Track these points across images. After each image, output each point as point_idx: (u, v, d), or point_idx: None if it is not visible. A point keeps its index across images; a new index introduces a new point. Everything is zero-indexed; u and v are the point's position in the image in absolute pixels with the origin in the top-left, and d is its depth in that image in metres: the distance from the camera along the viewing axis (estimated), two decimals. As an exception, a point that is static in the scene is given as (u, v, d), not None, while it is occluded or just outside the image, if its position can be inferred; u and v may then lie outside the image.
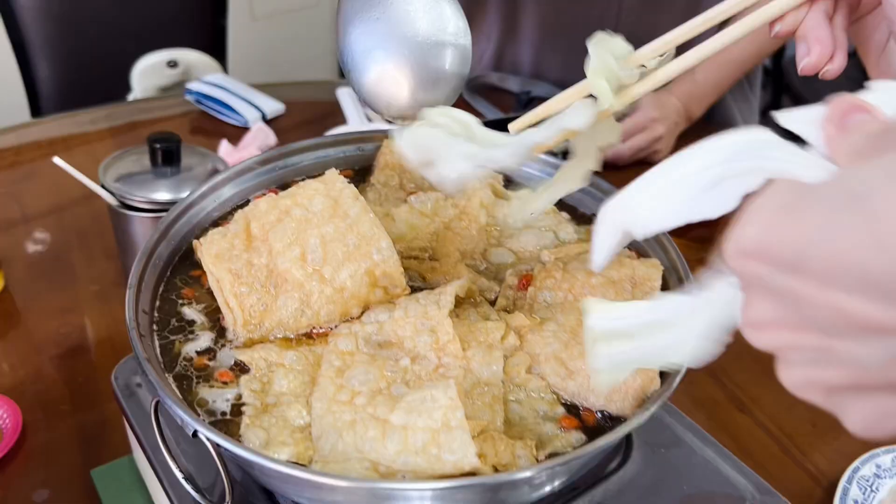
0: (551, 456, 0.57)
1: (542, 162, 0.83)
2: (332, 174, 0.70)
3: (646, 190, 0.44)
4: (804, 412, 0.94)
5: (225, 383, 0.61)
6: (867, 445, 0.90)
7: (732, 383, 0.97)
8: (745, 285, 0.36)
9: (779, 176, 0.39)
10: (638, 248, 0.76)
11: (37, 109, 2.00)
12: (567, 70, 1.47)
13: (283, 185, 0.81)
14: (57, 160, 0.90)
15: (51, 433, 0.86)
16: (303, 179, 0.83)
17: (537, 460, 0.56)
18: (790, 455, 0.89)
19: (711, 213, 0.41)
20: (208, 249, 0.66)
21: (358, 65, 0.66)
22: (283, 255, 0.65)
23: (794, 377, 0.35)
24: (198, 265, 0.71)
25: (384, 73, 0.66)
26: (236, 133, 1.38)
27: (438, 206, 0.76)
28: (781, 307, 0.33)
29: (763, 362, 0.99)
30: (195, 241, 0.70)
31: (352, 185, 0.69)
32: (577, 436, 0.59)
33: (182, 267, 0.72)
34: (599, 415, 0.61)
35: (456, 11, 0.66)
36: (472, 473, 0.53)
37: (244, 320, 0.64)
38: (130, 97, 1.86)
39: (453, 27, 0.66)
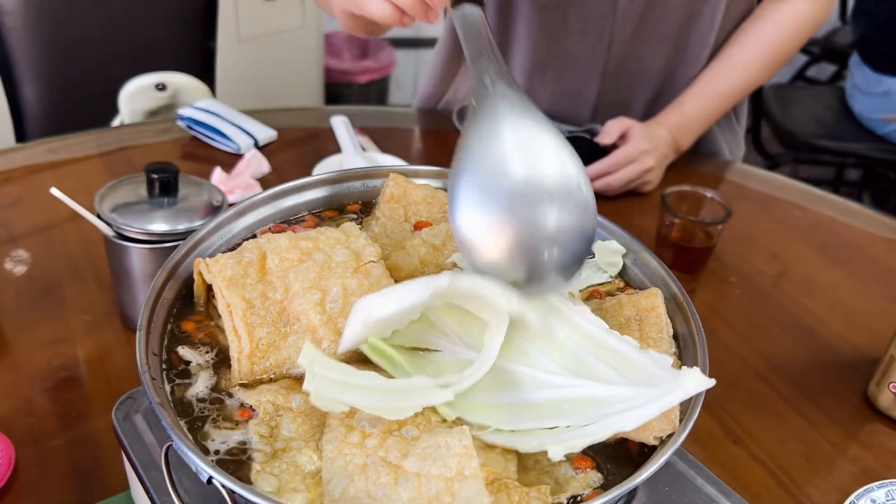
0: (571, 500, 0.57)
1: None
2: (352, 227, 0.70)
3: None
4: (798, 445, 0.95)
5: (236, 423, 0.60)
6: (861, 479, 0.91)
7: (727, 415, 0.98)
8: None
9: None
10: (635, 284, 0.78)
11: (21, 131, 1.97)
12: (555, 102, 1.48)
13: (287, 221, 0.81)
14: (55, 191, 0.89)
15: (43, 469, 0.84)
16: (307, 214, 0.83)
17: None
18: (786, 489, 0.89)
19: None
20: (222, 272, 0.65)
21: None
22: (301, 296, 0.64)
23: None
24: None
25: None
26: (228, 160, 1.37)
27: (448, 238, 0.76)
28: None
29: (756, 394, 1.00)
30: (198, 260, 0.68)
31: (376, 245, 0.69)
32: (593, 476, 0.60)
33: (189, 306, 0.71)
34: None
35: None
36: None
37: (251, 351, 0.64)
38: (117, 120, 1.84)
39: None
